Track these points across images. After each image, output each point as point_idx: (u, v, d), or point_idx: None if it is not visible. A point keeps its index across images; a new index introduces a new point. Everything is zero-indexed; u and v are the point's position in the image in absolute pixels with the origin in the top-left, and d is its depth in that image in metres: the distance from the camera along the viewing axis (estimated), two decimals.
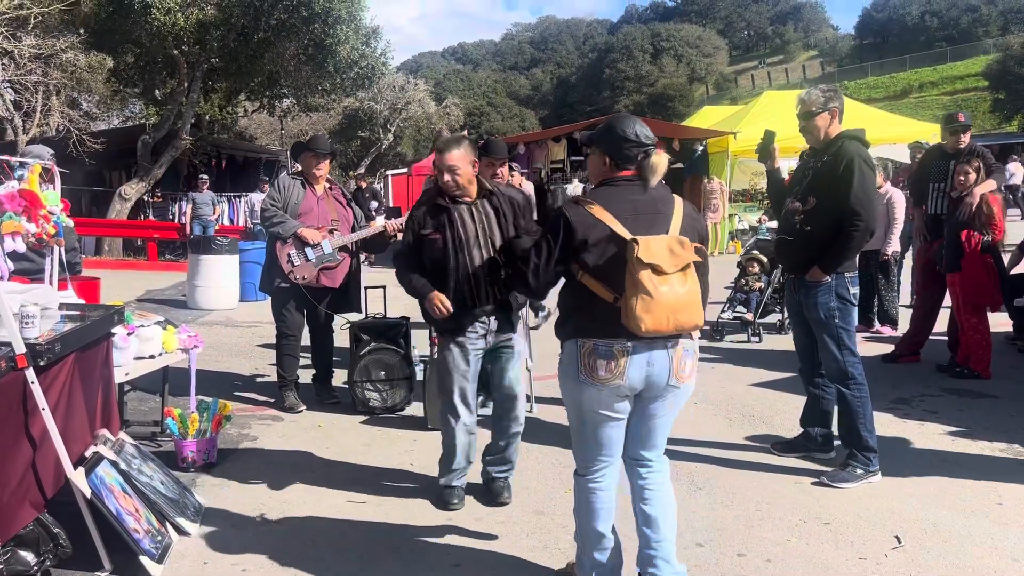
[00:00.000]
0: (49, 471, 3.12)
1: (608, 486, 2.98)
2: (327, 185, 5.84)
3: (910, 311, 7.41)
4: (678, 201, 2.91)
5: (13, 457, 2.90)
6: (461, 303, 3.81)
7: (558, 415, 5.48)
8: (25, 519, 2.96)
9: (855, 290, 4.30)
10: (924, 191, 6.94)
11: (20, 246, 4.25)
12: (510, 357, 3.99)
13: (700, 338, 3.00)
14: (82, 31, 16.49)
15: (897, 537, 3.61)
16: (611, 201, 2.83)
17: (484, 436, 4.13)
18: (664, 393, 2.85)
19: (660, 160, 2.87)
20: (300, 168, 5.85)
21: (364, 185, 10.40)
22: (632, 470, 3.05)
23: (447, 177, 3.81)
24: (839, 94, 4.35)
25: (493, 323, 3.91)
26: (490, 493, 4.07)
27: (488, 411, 5.56)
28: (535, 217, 4.28)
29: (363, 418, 5.49)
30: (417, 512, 3.93)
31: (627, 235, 2.72)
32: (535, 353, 5.83)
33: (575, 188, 16.62)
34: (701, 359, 3.09)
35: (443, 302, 3.78)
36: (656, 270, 2.64)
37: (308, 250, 5.56)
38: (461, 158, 3.82)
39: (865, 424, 4.23)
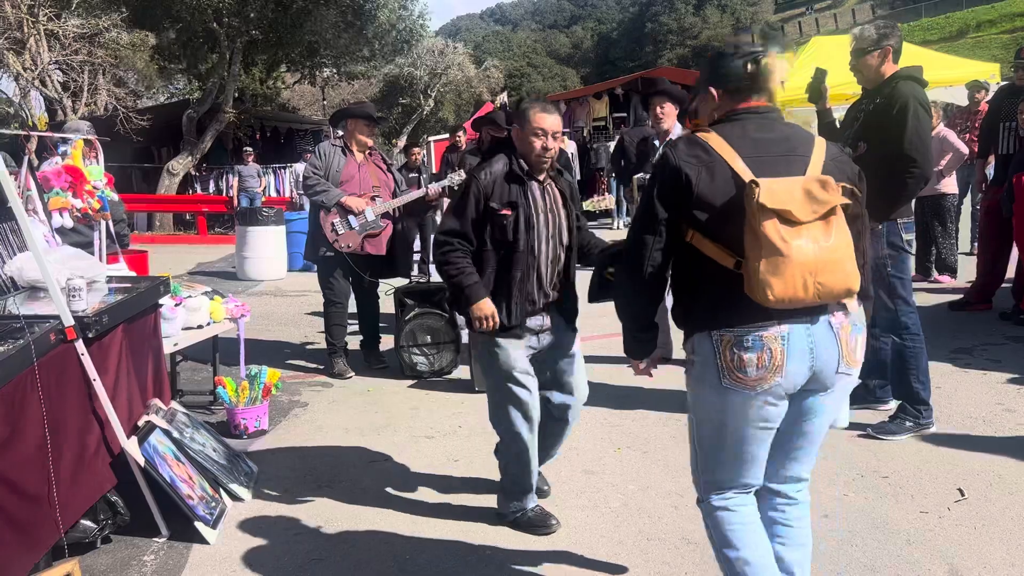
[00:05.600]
0: (103, 440, 3.18)
1: (747, 502, 2.32)
2: (367, 151, 5.81)
3: (971, 259, 7.16)
4: (820, 140, 2.28)
5: (68, 428, 2.95)
6: (521, 297, 3.23)
7: (606, 375, 5.42)
8: (89, 491, 3.02)
9: (909, 236, 4.07)
10: (996, 134, 6.70)
11: (68, 222, 4.34)
12: (572, 359, 3.49)
13: None
14: (124, 9, 16.67)
15: (960, 490, 3.49)
16: (730, 137, 2.19)
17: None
18: (833, 383, 2.23)
19: (776, 61, 2.23)
20: (343, 134, 5.81)
21: (416, 158, 9.11)
22: (766, 499, 2.38)
23: (547, 142, 3.15)
24: (896, 31, 4.04)
25: (547, 321, 3.37)
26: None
27: None
28: (577, 177, 4.04)
29: (411, 382, 5.52)
30: (466, 473, 3.93)
31: (747, 174, 2.10)
32: (580, 312, 5.76)
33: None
34: None
35: (493, 317, 3.17)
36: (785, 218, 2.01)
37: (352, 218, 5.55)
38: (560, 124, 3.23)
39: (918, 376, 4.08)
